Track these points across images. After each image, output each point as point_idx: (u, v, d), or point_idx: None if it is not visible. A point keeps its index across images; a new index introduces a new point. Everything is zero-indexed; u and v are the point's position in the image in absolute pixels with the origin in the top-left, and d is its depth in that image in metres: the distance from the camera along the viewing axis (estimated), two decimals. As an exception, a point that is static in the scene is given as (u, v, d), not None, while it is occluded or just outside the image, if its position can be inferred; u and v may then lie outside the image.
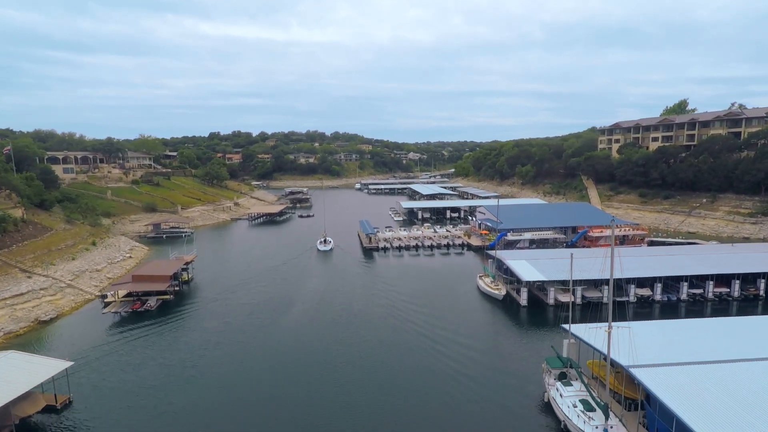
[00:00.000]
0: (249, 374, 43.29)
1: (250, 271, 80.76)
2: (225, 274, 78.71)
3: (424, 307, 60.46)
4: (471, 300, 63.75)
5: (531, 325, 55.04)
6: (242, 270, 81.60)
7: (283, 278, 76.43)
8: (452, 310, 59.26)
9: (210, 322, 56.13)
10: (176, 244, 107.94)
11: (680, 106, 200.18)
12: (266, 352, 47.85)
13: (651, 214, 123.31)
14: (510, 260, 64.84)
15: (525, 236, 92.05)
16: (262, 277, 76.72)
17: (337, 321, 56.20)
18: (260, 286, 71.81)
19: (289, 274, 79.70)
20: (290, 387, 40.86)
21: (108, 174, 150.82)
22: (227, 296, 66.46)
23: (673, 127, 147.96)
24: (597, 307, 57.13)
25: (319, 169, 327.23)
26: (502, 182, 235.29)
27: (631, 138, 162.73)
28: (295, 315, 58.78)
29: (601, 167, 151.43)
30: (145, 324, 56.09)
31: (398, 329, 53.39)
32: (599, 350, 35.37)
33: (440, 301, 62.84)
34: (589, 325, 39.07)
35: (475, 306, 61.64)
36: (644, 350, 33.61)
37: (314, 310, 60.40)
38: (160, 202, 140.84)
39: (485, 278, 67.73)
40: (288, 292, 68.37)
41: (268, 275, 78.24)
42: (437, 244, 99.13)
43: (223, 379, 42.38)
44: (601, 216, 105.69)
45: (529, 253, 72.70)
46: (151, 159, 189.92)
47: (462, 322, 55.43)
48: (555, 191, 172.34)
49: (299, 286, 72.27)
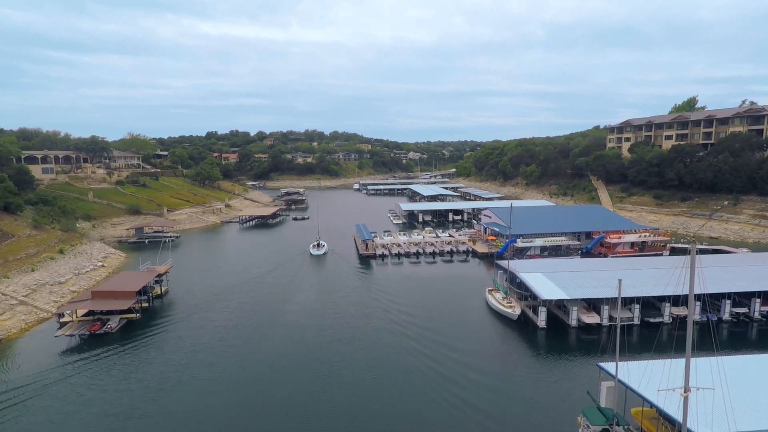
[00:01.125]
0: (211, 424, 35.30)
1: (233, 282, 72.85)
2: (205, 286, 70.76)
3: (427, 329, 52.42)
4: (480, 319, 55.74)
5: (553, 353, 46.91)
6: (225, 280, 73.68)
7: (268, 290, 68.46)
8: (460, 332, 51.25)
9: (175, 352, 48.02)
10: (159, 249, 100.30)
11: (689, 104, 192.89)
12: (236, 393, 39.71)
13: (668, 217, 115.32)
14: (524, 274, 56.83)
15: (536, 243, 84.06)
16: (246, 289, 68.81)
17: (324, 347, 48.19)
18: (241, 299, 63.83)
19: (275, 284, 71.80)
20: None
21: (91, 174, 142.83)
22: (202, 314, 58.45)
23: (689, 125, 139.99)
24: (628, 331, 49.26)
25: (317, 169, 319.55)
26: (505, 182, 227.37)
27: (643, 136, 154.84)
28: (276, 340, 50.74)
29: (611, 167, 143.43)
30: (100, 351, 48.01)
31: (397, 351, 45.46)
32: (669, 416, 26.59)
33: (445, 320, 54.87)
34: (635, 364, 31.16)
35: (484, 326, 53.64)
36: (736, 413, 24.30)
37: (299, 332, 52.39)
38: (146, 204, 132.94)
39: (495, 293, 59.69)
40: (271, 309, 60.40)
41: (253, 286, 70.31)
42: (439, 251, 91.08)
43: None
44: (616, 220, 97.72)
45: (545, 263, 64.63)
46: (140, 159, 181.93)
47: (472, 348, 47.40)
48: (562, 192, 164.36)
49: (285, 300, 64.34)
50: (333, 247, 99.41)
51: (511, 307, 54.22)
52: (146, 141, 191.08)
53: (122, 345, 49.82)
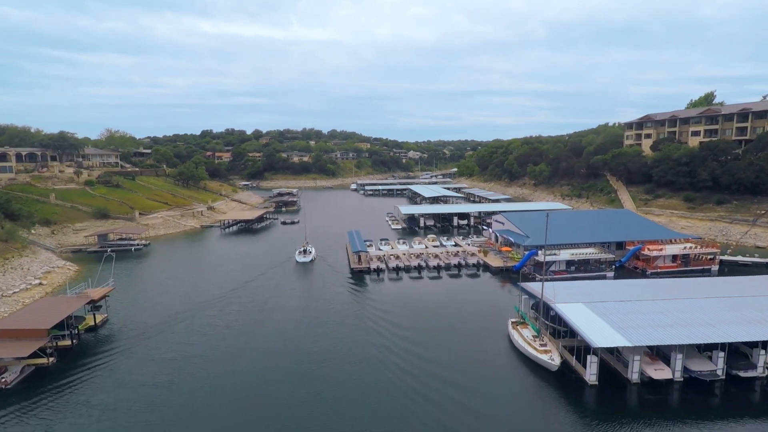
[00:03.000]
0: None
1: (193, 303, 59.44)
2: (159, 309, 57.27)
3: (436, 377, 38.90)
4: (504, 365, 42.08)
5: (614, 423, 33.35)
6: (185, 300, 60.23)
7: (234, 316, 54.95)
8: (479, 385, 37.76)
9: (98, 412, 34.57)
10: (124, 258, 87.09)
11: (707, 99, 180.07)
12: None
13: (703, 223, 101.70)
14: (562, 305, 43.29)
15: (561, 256, 70.32)
16: (206, 314, 55.37)
17: (297, 407, 34.70)
18: (197, 330, 50.31)
19: (246, 306, 58.44)
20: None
21: (58, 174, 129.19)
22: (143, 354, 44.92)
23: (719, 119, 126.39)
24: (705, 387, 35.90)
25: (313, 169, 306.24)
26: (511, 183, 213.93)
27: (665, 132, 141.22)
28: (236, 388, 37.37)
29: (633, 166, 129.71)
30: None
31: (400, 414, 32.04)
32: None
33: (459, 365, 41.38)
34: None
35: (511, 377, 40.03)
36: None
37: (264, 378, 38.93)
38: (117, 206, 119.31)
39: (522, 329, 46.08)
40: (234, 343, 46.98)
41: (216, 310, 56.87)
42: (445, 264, 77.43)
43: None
44: (651, 227, 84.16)
45: (582, 288, 50.78)
46: (118, 157, 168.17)
47: (498, 412, 33.94)
48: (576, 194, 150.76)
49: (255, 326, 51.11)
50: (322, 254, 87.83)
51: (547, 352, 40.55)
52: (126, 138, 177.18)
53: (22, 407, 36.28)
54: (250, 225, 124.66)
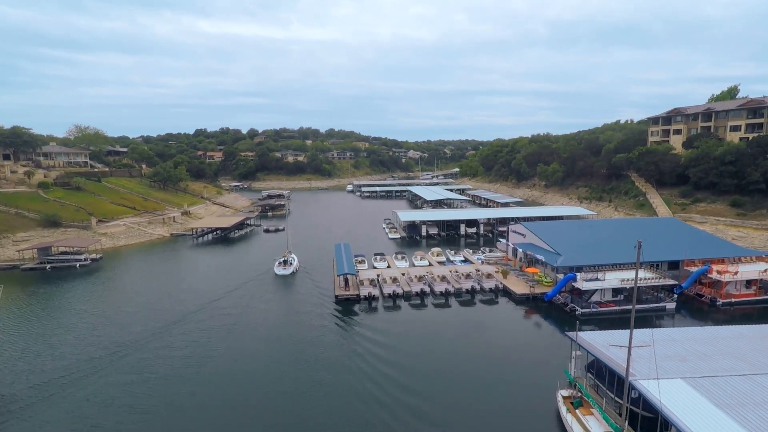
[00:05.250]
0: None
1: (124, 339, 43.52)
2: (66, 355, 41.36)
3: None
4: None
5: None
6: (112, 339, 44.27)
7: (171, 363, 39.15)
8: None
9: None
10: (64, 277, 71.84)
11: (730, 93, 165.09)
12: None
13: (758, 233, 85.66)
14: (650, 384, 27.28)
15: (607, 281, 54.08)
16: (138, 357, 39.45)
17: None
18: (99, 397, 34.34)
19: (201, 338, 42.78)
20: None
21: (9, 175, 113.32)
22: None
23: (764, 112, 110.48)
24: None
25: (308, 169, 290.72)
26: (519, 184, 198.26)
27: (699, 127, 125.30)
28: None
29: (665, 166, 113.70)
30: None
31: None
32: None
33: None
34: None
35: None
36: None
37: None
38: (71, 213, 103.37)
39: (585, 414, 30.11)
40: (175, 398, 30.98)
41: (146, 354, 40.93)
42: (455, 290, 61.20)
43: None
44: (709, 242, 68.21)
45: (663, 337, 34.49)
46: (88, 156, 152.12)
47: None
48: (596, 197, 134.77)
49: (210, 371, 35.09)
50: (307, 267, 75.26)
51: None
52: (98, 135, 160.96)
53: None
54: (227, 233, 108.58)
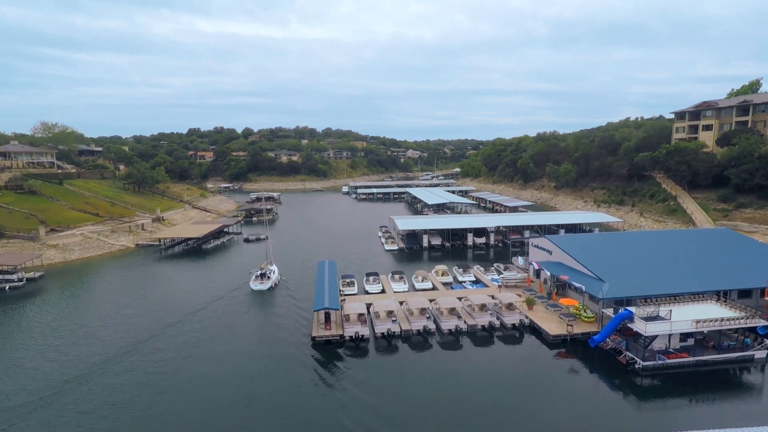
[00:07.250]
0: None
1: (43, 384, 29.98)
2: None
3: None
4: None
5: None
6: (38, 379, 30.77)
7: (126, 391, 25.62)
8: None
9: None
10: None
11: (751, 88, 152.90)
12: None
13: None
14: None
15: (677, 325, 40.16)
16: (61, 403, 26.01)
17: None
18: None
19: (148, 377, 29.19)
20: None
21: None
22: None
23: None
24: None
25: (302, 169, 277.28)
26: (526, 185, 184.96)
27: (732, 122, 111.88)
28: None
29: (699, 166, 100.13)
30: None
31: None
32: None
33: None
34: None
35: None
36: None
37: None
38: (19, 221, 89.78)
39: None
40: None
41: (92, 385, 27.46)
42: (468, 327, 47.60)
43: None
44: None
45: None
46: (55, 156, 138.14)
47: None
48: (616, 200, 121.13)
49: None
50: (289, 282, 64.22)
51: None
52: (68, 134, 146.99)
53: None
54: (201, 244, 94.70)
